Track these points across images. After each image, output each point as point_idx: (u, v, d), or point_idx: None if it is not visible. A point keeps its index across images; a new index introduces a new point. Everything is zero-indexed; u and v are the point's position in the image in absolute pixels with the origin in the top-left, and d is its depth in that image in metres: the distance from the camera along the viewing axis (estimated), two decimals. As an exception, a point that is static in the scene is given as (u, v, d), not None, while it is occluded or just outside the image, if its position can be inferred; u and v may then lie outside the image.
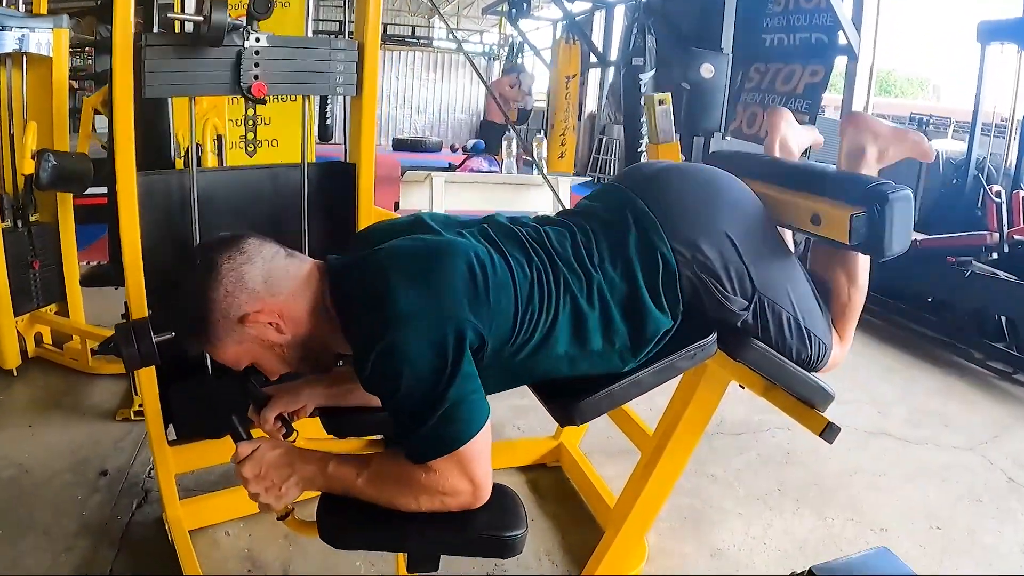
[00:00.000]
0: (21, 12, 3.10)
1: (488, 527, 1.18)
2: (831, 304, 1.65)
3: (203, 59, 1.79)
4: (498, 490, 1.23)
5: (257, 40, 1.84)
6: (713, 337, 1.47)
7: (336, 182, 2.14)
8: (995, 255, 4.31)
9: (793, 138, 1.85)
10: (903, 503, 2.56)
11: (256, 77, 1.85)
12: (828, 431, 1.56)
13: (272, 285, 1.26)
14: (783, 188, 1.59)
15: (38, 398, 3.02)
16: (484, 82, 4.30)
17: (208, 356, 1.95)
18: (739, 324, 1.48)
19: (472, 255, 1.26)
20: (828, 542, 2.31)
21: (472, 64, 3.67)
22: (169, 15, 1.84)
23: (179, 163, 2.80)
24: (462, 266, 1.23)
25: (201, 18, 1.69)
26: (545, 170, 5.71)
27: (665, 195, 1.48)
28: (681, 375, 1.59)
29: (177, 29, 1.86)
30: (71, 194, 3.25)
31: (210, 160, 3.06)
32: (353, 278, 1.27)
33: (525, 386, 1.48)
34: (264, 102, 1.90)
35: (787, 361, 1.54)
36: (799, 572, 1.46)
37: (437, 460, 1.15)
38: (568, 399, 1.41)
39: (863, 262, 1.66)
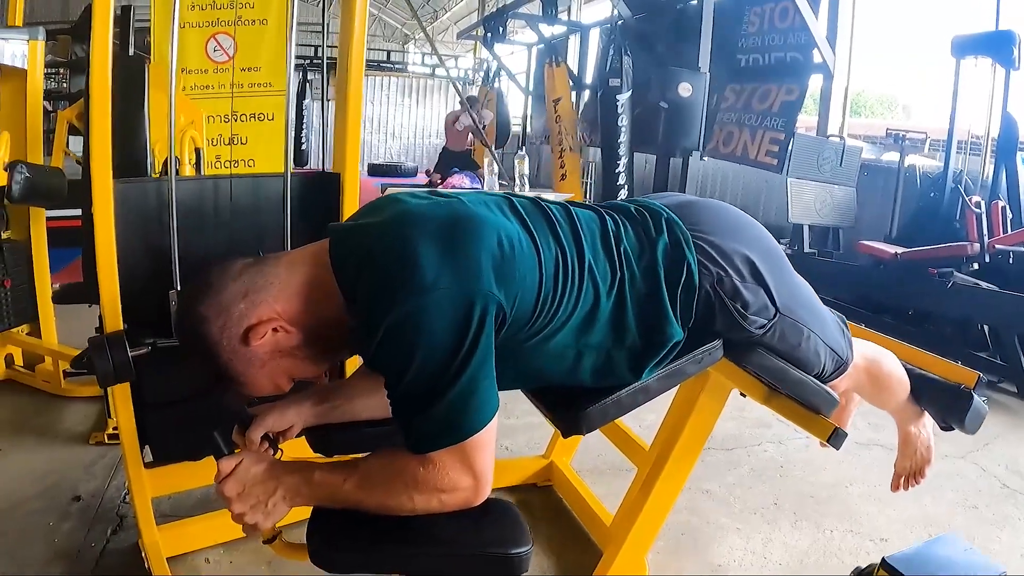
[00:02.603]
0: (-4, 24, 3.03)
1: (493, 544, 1.11)
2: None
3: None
4: (500, 506, 1.16)
5: None
6: (719, 342, 1.43)
7: (320, 193, 2.08)
8: (976, 265, 4.36)
9: None
10: (900, 513, 2.53)
11: None
12: (835, 436, 1.52)
13: (254, 295, 1.17)
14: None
15: (8, 421, 2.92)
16: (463, 101, 4.25)
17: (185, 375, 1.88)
18: (755, 340, 1.44)
19: (500, 228, 1.17)
20: (829, 554, 2.26)
21: (456, 87, 3.63)
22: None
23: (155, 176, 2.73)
24: (492, 238, 1.14)
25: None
26: (527, 188, 5.68)
27: (694, 216, 1.43)
28: (679, 385, 1.56)
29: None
30: (44, 209, 3.17)
31: (188, 173, 2.99)
32: (364, 242, 1.16)
33: (512, 405, 1.42)
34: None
35: (792, 367, 1.50)
36: (863, 568, 1.44)
37: (439, 452, 1.07)
38: (573, 407, 1.35)
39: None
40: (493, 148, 7.20)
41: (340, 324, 1.19)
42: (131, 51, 4.34)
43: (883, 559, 1.34)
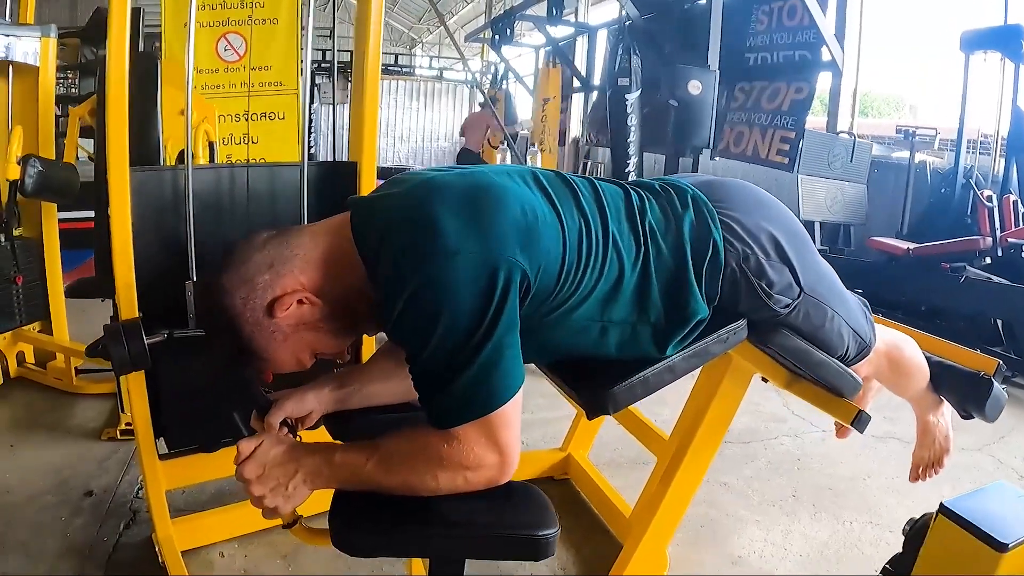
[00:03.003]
0: (7, 21, 3.03)
1: (519, 526, 1.07)
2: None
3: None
4: (524, 489, 1.13)
5: None
6: (744, 322, 1.40)
7: (337, 182, 2.07)
8: (988, 260, 4.35)
9: None
10: (919, 504, 2.48)
11: None
12: (859, 420, 1.51)
13: (279, 266, 1.15)
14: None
15: (20, 418, 2.92)
16: (490, 106, 4.20)
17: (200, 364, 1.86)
18: (779, 320, 1.42)
19: (523, 197, 1.15)
20: (850, 545, 2.24)
21: (481, 90, 3.62)
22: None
23: (168, 170, 2.72)
24: (515, 206, 1.12)
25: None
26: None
27: (718, 193, 1.42)
28: (700, 370, 1.54)
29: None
30: (56, 205, 3.17)
31: (201, 165, 2.99)
32: (385, 212, 1.15)
33: (526, 400, 1.40)
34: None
35: (815, 348, 1.48)
36: (916, 518, 1.43)
37: (464, 427, 1.04)
38: (599, 385, 1.32)
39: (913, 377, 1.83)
40: (506, 146, 7.21)
41: (363, 296, 1.17)
42: (140, 47, 4.35)
43: (941, 504, 1.32)
